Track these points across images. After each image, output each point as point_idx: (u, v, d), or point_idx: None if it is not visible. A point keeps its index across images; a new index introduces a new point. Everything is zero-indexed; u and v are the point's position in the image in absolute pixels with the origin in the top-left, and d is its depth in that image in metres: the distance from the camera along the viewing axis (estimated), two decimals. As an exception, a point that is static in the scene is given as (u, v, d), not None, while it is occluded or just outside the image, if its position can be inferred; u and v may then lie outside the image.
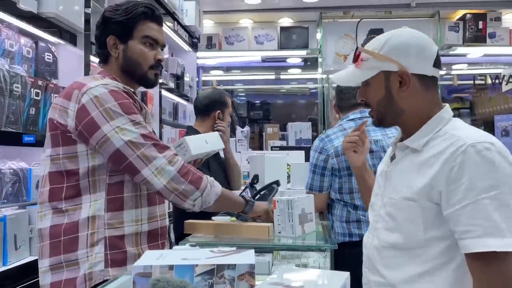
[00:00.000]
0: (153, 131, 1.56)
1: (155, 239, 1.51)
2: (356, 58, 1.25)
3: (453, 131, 1.15)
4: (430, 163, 1.13)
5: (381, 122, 1.28)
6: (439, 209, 1.11)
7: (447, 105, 1.24)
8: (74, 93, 1.39)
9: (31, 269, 1.87)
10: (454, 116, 1.24)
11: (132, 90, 1.51)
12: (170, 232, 1.70)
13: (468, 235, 1.05)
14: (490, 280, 1.05)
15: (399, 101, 1.21)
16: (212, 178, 1.48)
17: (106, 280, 1.34)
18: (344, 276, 0.79)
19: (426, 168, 1.13)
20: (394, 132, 2.06)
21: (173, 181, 1.37)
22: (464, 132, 1.13)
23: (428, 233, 1.13)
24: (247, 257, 0.85)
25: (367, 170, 1.55)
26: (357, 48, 1.27)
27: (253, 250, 0.89)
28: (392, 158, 1.29)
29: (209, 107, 2.51)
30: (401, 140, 1.27)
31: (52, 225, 1.40)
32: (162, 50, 1.56)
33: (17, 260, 1.85)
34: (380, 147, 2.13)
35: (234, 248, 0.94)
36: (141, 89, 2.27)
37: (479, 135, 1.11)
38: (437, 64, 1.21)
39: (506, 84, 4.71)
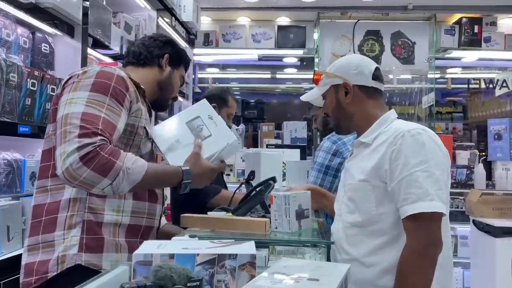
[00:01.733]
0: (145, 127, 1.47)
1: (134, 235, 1.45)
2: (315, 80, 1.57)
3: (397, 125, 1.41)
4: (378, 149, 1.38)
5: (338, 128, 1.57)
6: (386, 187, 1.34)
7: (393, 109, 1.52)
8: (81, 71, 1.42)
9: (23, 260, 1.85)
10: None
11: (143, 87, 1.52)
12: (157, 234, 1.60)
13: (405, 202, 1.28)
14: (419, 237, 1.26)
15: (346, 107, 1.49)
16: (132, 164, 1.29)
17: (78, 265, 1.30)
18: (345, 268, 0.79)
19: (375, 153, 1.38)
20: None
21: (72, 167, 1.21)
22: (404, 125, 1.40)
23: (379, 209, 1.35)
24: (248, 247, 0.85)
25: (328, 204, 1.77)
26: (314, 71, 1.60)
27: (253, 242, 0.89)
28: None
29: (207, 100, 2.55)
30: None
31: (36, 204, 1.38)
32: None
33: (9, 251, 1.83)
34: None
35: (233, 240, 0.94)
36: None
37: (415, 125, 1.38)
38: (376, 78, 1.49)
39: (500, 88, 4.74)
